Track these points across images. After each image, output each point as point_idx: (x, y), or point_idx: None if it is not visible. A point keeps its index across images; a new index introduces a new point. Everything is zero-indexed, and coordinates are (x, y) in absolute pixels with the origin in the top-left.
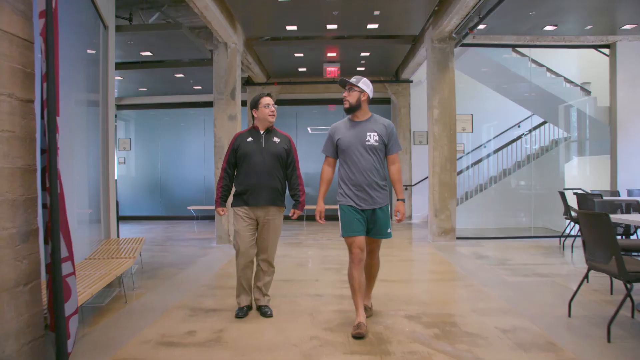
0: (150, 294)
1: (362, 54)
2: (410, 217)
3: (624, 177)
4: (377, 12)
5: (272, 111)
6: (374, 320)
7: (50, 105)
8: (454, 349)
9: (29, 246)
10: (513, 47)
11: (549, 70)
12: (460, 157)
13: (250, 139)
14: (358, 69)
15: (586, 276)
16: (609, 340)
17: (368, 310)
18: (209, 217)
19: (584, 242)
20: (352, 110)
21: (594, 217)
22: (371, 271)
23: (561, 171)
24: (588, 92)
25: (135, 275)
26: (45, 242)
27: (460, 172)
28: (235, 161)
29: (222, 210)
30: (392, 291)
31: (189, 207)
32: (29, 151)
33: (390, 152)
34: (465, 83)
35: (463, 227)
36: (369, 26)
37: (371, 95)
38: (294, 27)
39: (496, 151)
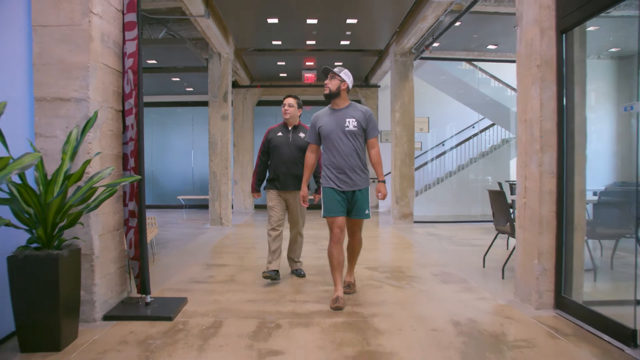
0: (169, 257)
1: (336, 63)
2: (377, 206)
3: None
4: (348, 32)
5: (285, 110)
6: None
7: (140, 114)
8: (398, 283)
9: (118, 205)
10: (463, 60)
11: (496, 79)
12: (425, 152)
13: (280, 133)
14: None
15: (495, 238)
16: (502, 277)
17: (352, 287)
18: (197, 205)
19: (493, 213)
20: (331, 97)
21: (496, 194)
22: (353, 250)
23: (507, 166)
24: None
25: (152, 245)
26: (124, 205)
27: (425, 163)
28: (268, 151)
29: (257, 195)
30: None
31: (178, 197)
32: (119, 143)
33: (369, 137)
34: (428, 88)
35: (423, 214)
36: (342, 42)
37: (350, 86)
38: (279, 42)
39: (456, 146)
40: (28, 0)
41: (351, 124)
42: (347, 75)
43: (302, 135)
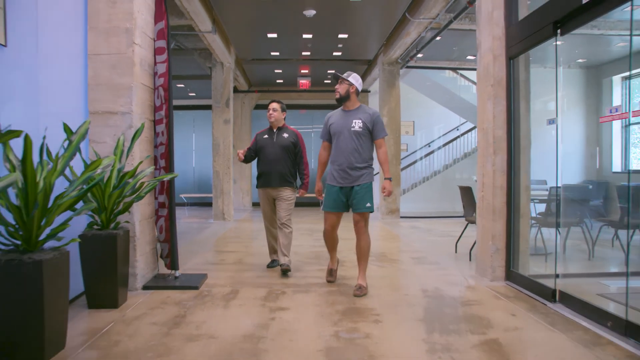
0: (183, 246)
1: (328, 71)
2: None
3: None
4: (340, 45)
5: (270, 114)
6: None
7: (170, 123)
8: (381, 264)
9: (151, 197)
10: (446, 69)
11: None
12: (414, 152)
13: (266, 135)
14: (325, 81)
15: (466, 227)
16: (470, 260)
17: (363, 289)
18: (197, 203)
19: (463, 206)
20: (342, 100)
21: (465, 189)
22: (361, 250)
23: None
24: None
25: None
26: (154, 198)
27: (415, 162)
28: (256, 151)
29: (242, 152)
30: (348, 244)
31: (181, 195)
32: (152, 147)
33: (376, 137)
34: (416, 93)
35: (410, 210)
36: (334, 53)
37: (360, 89)
38: (277, 53)
39: (443, 145)
40: (85, 34)
41: (357, 124)
42: (355, 79)
43: (285, 135)
